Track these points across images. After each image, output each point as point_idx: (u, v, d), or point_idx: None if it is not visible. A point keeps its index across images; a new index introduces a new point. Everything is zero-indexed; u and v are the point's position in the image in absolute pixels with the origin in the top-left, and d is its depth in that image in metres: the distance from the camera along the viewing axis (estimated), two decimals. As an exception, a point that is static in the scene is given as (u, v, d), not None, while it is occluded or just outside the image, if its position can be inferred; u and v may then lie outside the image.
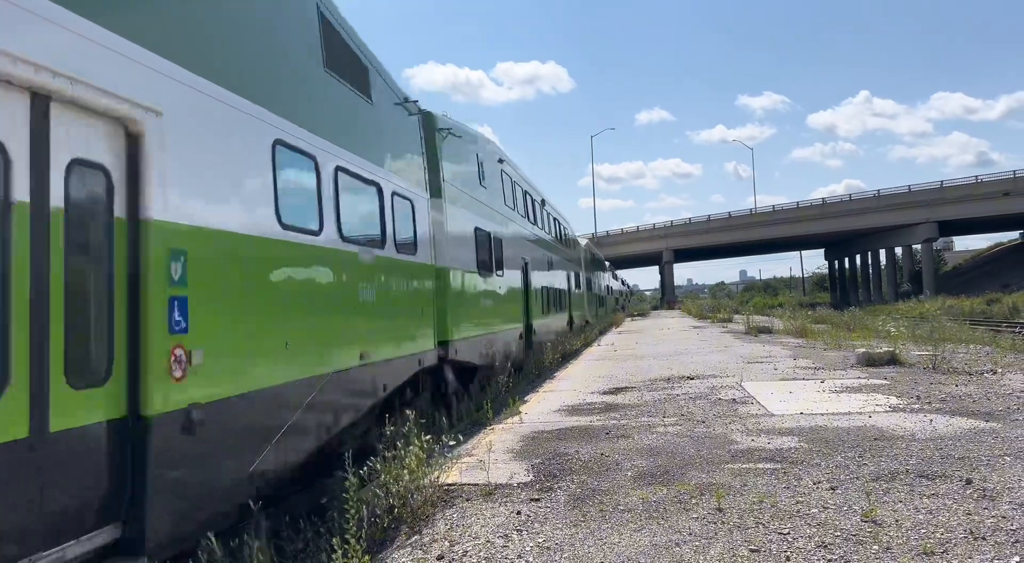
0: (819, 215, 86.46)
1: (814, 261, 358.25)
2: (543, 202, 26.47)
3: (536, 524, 6.02)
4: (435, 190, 12.76)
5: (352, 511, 5.80)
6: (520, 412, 11.68)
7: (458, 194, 14.16)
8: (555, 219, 29.74)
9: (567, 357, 23.22)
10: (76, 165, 4.71)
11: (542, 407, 12.32)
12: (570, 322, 31.32)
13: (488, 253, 16.22)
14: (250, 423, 6.30)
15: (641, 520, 5.96)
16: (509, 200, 19.50)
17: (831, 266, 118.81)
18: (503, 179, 18.93)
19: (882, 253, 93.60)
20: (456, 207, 13.82)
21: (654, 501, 6.44)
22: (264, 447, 6.44)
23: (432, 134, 13.03)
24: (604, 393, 13.73)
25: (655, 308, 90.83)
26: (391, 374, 9.88)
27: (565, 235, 32.75)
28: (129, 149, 5.12)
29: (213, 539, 5.10)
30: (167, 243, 5.27)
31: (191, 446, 5.37)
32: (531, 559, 5.27)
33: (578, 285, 35.57)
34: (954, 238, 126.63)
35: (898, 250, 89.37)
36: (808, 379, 14.34)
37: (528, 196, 23.21)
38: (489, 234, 16.42)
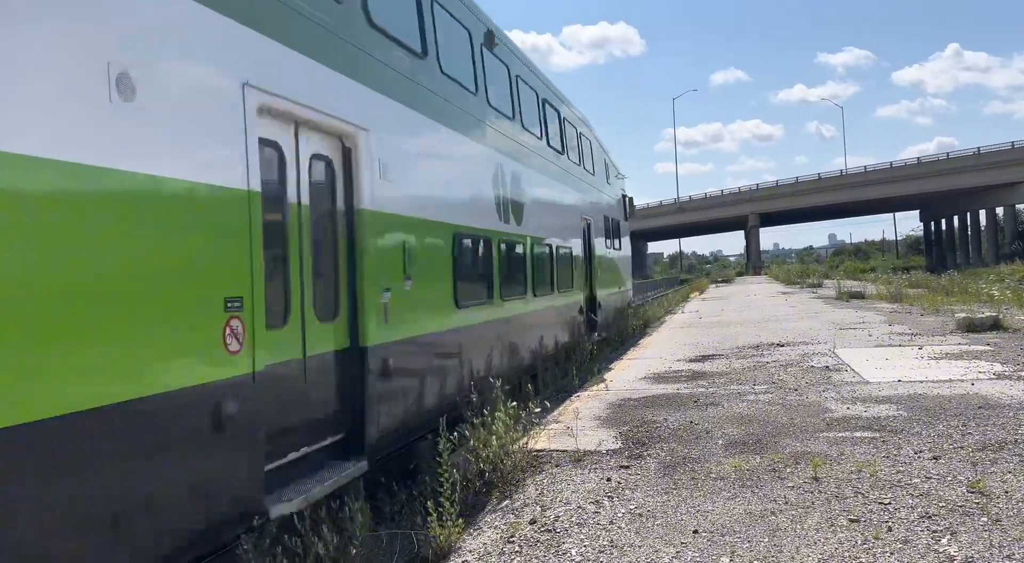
0: (914, 175, 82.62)
1: (908, 223, 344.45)
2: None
3: (627, 491, 6.02)
4: None
5: (445, 475, 5.91)
6: (606, 379, 11.67)
7: None
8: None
9: (649, 324, 23.04)
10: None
11: (627, 375, 12.26)
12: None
13: None
14: None
15: (734, 488, 5.89)
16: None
17: (926, 228, 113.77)
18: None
19: (982, 214, 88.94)
20: None
21: (747, 469, 6.34)
22: None
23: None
24: (691, 360, 13.57)
25: (740, 274, 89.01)
26: None
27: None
28: None
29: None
30: None
31: None
32: (623, 526, 5.27)
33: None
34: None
35: (999, 210, 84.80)
36: (905, 345, 13.84)
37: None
38: None
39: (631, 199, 24.48)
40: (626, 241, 23.80)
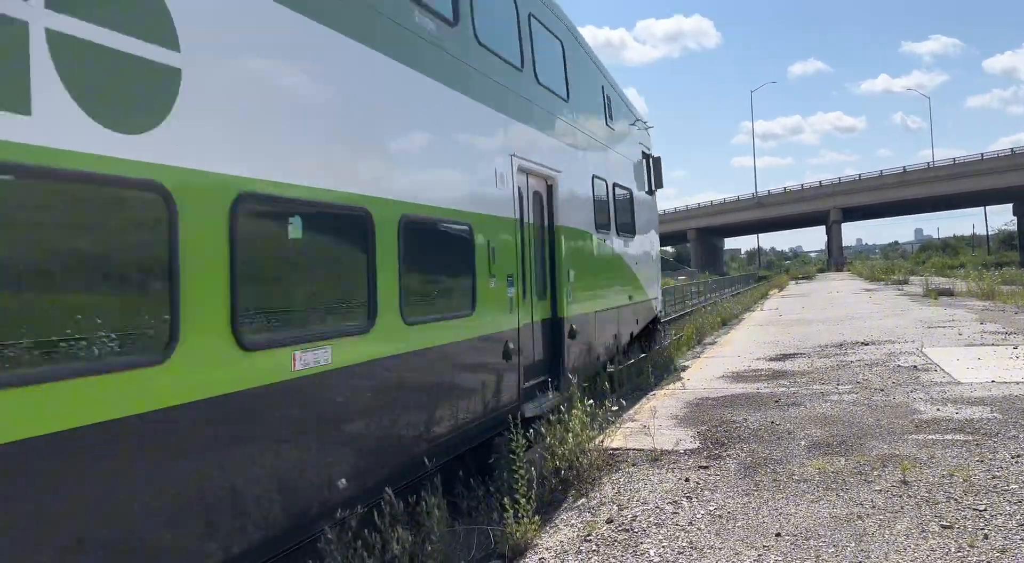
0: (1007, 167, 78.88)
1: (1000, 217, 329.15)
2: None
3: (706, 492, 5.91)
4: None
5: (520, 472, 5.89)
6: (682, 378, 11.50)
7: None
8: None
9: (727, 322, 22.62)
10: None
11: (705, 373, 12.06)
12: None
13: None
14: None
15: (818, 491, 5.72)
16: None
17: (1020, 222, 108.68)
18: None
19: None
20: None
21: (831, 472, 6.16)
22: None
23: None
24: (771, 359, 13.26)
25: (821, 270, 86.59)
26: None
27: None
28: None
29: (391, 494, 5.22)
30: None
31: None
32: (703, 527, 5.18)
33: None
34: None
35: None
36: (998, 345, 13.24)
37: None
38: None
39: (659, 160, 15.51)
40: (651, 228, 15.25)
